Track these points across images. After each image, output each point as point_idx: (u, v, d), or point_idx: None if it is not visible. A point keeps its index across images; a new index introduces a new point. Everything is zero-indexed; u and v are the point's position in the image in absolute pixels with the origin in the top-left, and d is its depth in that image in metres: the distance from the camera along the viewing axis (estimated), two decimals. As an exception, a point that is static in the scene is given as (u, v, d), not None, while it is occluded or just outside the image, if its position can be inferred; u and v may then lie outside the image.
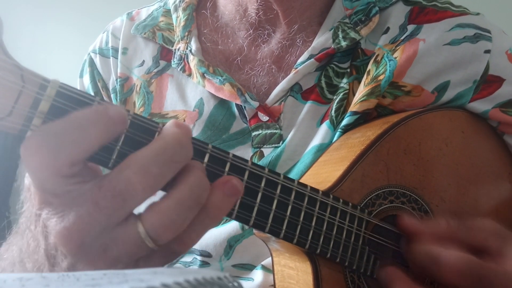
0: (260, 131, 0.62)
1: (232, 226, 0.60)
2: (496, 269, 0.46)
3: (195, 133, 0.64)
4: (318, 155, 0.59)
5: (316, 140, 0.61)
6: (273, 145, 0.62)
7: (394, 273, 0.48)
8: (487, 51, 0.61)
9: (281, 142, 0.62)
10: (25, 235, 0.41)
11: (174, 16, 0.69)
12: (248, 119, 0.63)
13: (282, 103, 0.63)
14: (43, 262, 0.39)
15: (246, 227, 0.59)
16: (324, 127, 0.61)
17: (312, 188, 0.46)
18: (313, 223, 0.45)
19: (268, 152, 0.62)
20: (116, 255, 0.36)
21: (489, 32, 0.62)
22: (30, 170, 0.35)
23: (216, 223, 0.39)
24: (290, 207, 0.44)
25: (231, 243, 0.60)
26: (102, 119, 0.35)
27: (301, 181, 0.46)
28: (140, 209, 0.37)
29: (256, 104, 0.61)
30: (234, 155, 0.41)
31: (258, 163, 0.60)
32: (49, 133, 0.34)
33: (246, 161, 0.42)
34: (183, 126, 0.37)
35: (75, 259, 0.36)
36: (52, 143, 0.34)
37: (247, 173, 0.42)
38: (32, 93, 0.35)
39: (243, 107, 0.63)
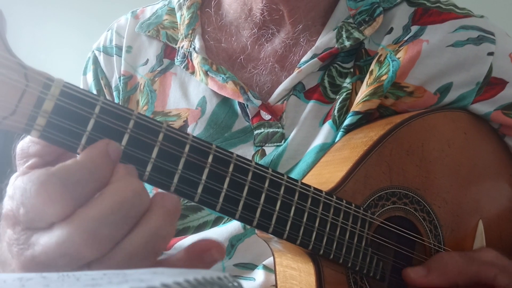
0: (262, 130, 0.62)
1: (234, 225, 0.60)
2: None
3: (197, 131, 0.64)
4: (320, 154, 0.59)
5: (319, 140, 0.61)
6: (275, 144, 0.62)
7: None
8: (491, 53, 0.60)
9: (283, 141, 0.61)
10: (1, 239, 0.40)
11: (178, 14, 0.69)
12: (250, 118, 0.63)
13: (285, 102, 0.63)
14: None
15: (248, 226, 0.59)
16: (327, 126, 0.61)
17: (315, 189, 0.46)
18: (317, 224, 0.45)
19: (270, 150, 0.62)
20: None
21: (492, 34, 0.61)
22: (31, 209, 0.33)
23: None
24: (293, 208, 0.44)
25: (233, 242, 0.60)
26: (105, 161, 0.34)
27: (303, 181, 0.46)
28: None
29: (258, 102, 0.61)
30: (238, 155, 0.41)
31: (259, 162, 0.61)
32: (68, 181, 0.32)
33: (250, 161, 0.42)
34: (135, 178, 0.34)
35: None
36: (72, 193, 0.32)
37: (250, 173, 0.42)
38: (36, 92, 0.35)
39: (245, 105, 0.62)
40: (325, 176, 0.52)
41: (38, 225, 0.33)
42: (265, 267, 0.59)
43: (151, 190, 0.64)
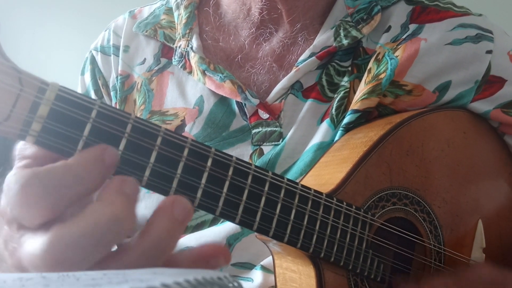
0: (260, 129, 0.62)
1: (231, 224, 0.60)
2: None
3: (195, 130, 0.64)
4: (318, 153, 0.59)
5: (316, 138, 0.60)
6: (273, 143, 0.62)
7: None
8: (489, 52, 0.60)
9: (281, 140, 0.61)
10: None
11: (175, 14, 0.69)
12: (248, 117, 0.62)
13: (283, 101, 0.62)
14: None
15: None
16: (325, 125, 0.61)
17: (315, 191, 0.45)
18: (317, 227, 0.45)
19: (268, 150, 0.61)
20: None
21: (491, 32, 0.61)
22: (14, 208, 0.32)
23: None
24: (294, 211, 0.43)
25: (230, 242, 0.60)
26: (98, 167, 0.33)
27: (302, 182, 0.45)
28: None
29: (256, 101, 0.61)
30: (237, 159, 0.40)
31: (257, 161, 0.60)
32: (50, 183, 0.31)
33: (250, 164, 0.41)
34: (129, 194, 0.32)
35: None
36: (51, 194, 0.31)
37: (250, 176, 0.41)
38: (31, 96, 0.34)
39: (243, 104, 0.62)
40: (324, 177, 0.51)
41: (26, 224, 0.33)
42: (263, 268, 0.58)
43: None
